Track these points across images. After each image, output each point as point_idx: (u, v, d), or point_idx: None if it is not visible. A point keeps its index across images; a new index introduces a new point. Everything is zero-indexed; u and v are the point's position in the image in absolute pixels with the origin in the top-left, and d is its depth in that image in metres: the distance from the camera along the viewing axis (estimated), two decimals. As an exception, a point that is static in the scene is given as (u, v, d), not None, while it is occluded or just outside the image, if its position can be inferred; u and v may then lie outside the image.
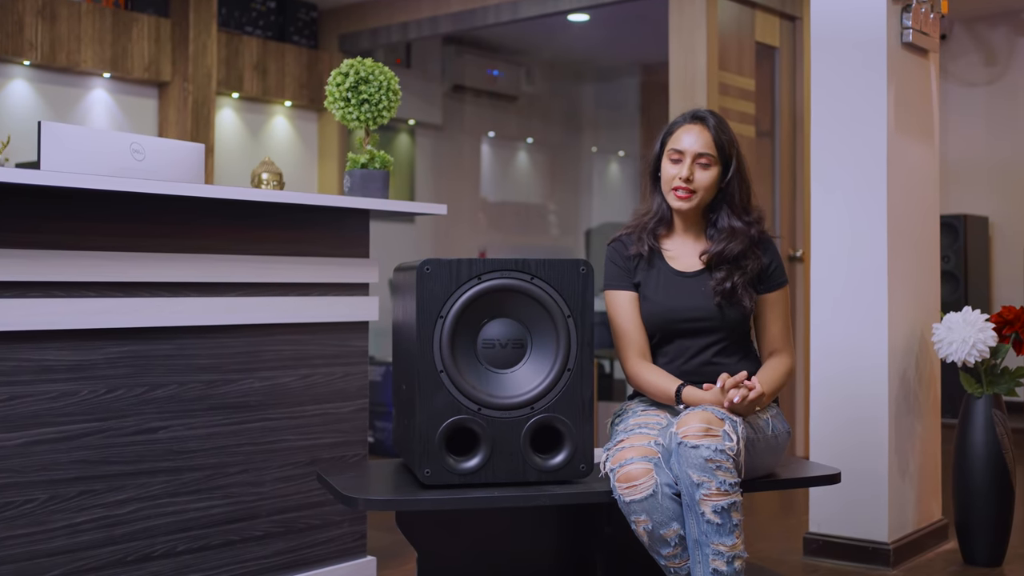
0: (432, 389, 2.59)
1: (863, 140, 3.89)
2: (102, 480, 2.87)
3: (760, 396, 2.69)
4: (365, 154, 3.46)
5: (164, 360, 3.01)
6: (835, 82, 3.96)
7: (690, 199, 2.92)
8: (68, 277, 2.77)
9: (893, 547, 3.80)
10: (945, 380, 4.30)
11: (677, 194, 2.93)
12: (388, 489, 2.73)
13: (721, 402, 2.67)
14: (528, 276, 2.64)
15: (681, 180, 2.91)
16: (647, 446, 2.63)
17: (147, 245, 2.97)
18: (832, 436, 3.91)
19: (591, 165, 10.55)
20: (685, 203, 2.93)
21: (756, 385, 2.69)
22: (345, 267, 3.45)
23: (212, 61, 6.79)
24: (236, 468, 3.18)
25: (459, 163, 9.22)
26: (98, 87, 6.58)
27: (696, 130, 2.94)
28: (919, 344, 4.00)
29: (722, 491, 2.50)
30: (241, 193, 3.03)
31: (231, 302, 3.14)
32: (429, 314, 2.59)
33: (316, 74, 7.60)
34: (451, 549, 2.94)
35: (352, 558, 3.49)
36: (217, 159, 7.00)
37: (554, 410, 2.64)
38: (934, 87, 4.20)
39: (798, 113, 6.29)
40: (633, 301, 2.96)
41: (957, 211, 7.82)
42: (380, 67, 3.44)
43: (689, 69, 5.69)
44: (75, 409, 2.81)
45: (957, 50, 7.99)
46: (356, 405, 3.50)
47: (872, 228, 3.85)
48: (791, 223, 6.22)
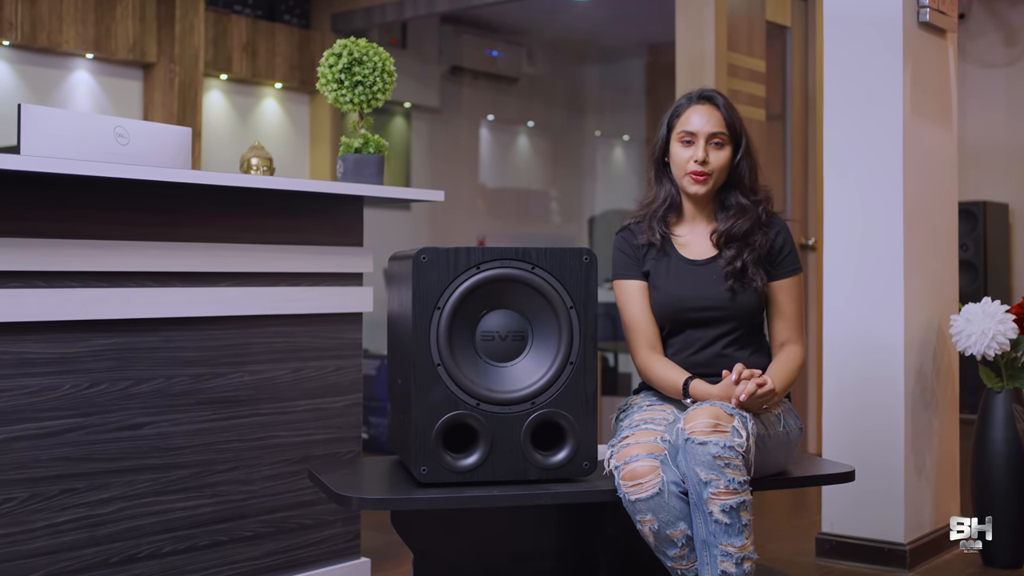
0: (429, 383, 2.58)
1: (878, 123, 3.88)
2: (85, 478, 2.87)
3: (771, 392, 2.69)
4: (359, 138, 3.45)
5: (149, 353, 3.00)
6: (849, 63, 3.95)
7: (706, 182, 2.92)
8: (49, 267, 2.77)
9: (909, 548, 3.80)
10: (963, 374, 4.30)
11: (694, 178, 2.91)
12: (383, 488, 2.73)
13: (730, 396, 2.67)
14: (529, 265, 2.63)
15: (697, 163, 2.90)
16: (653, 442, 2.63)
17: (132, 233, 2.96)
18: (846, 432, 3.91)
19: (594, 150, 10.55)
20: (702, 187, 2.92)
21: (768, 381, 2.69)
22: (338, 256, 3.44)
23: (199, 41, 6.78)
24: (224, 466, 3.18)
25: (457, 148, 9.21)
26: (81, 68, 6.57)
27: (706, 110, 2.94)
28: (936, 336, 4.00)
29: (731, 489, 2.49)
30: (230, 179, 3.03)
31: (219, 292, 3.14)
32: (426, 305, 2.59)
33: (308, 55, 7.59)
34: (448, 550, 2.94)
35: (345, 559, 3.49)
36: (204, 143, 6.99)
37: (556, 405, 2.64)
38: (952, 68, 4.19)
39: (810, 95, 6.28)
40: (643, 291, 2.96)
41: (976, 197, 7.80)
42: (375, 47, 3.43)
43: (697, 49, 5.68)
44: (57, 404, 2.81)
45: (976, 30, 7.97)
46: (349, 400, 3.50)
47: (887, 215, 3.85)
48: (803, 210, 6.22)
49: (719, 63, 5.66)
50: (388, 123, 8.50)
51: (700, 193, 2.93)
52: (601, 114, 10.48)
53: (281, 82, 7.49)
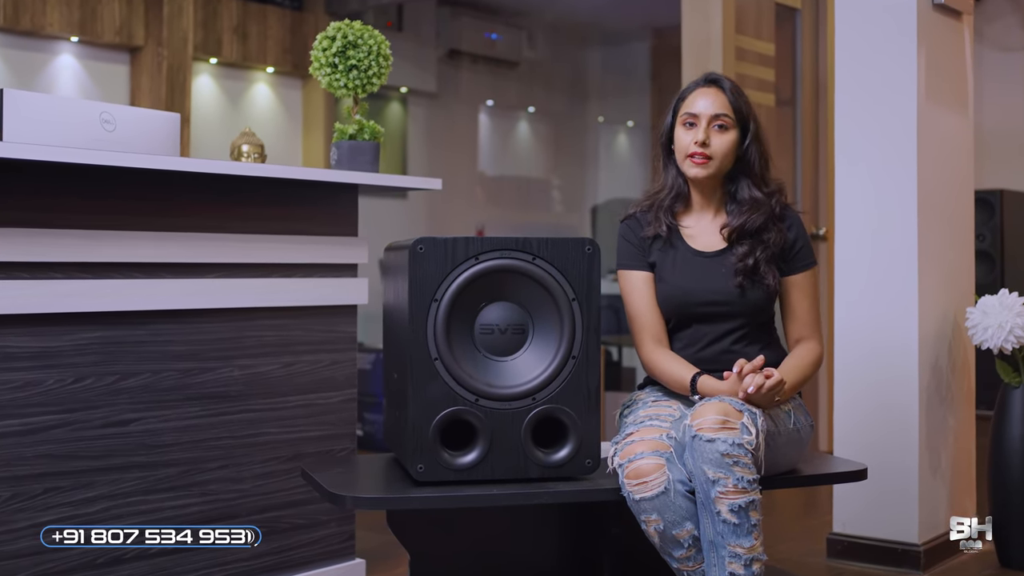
0: (426, 378, 2.58)
1: (891, 109, 3.87)
2: (69, 476, 2.87)
3: (779, 384, 2.68)
4: (353, 124, 3.45)
5: (137, 347, 3.00)
6: (861, 46, 3.95)
7: (707, 165, 2.91)
8: (33, 257, 2.76)
9: (924, 549, 3.80)
10: (980, 368, 4.30)
11: (693, 160, 2.91)
12: (378, 486, 2.73)
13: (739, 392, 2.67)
14: (530, 256, 2.63)
15: (697, 144, 2.89)
16: (658, 440, 2.63)
17: (118, 223, 2.95)
18: (858, 429, 3.90)
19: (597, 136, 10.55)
20: (702, 169, 2.91)
21: (775, 373, 2.68)
22: (332, 246, 3.44)
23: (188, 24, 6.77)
24: (214, 463, 3.17)
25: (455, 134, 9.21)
26: (65, 52, 6.56)
27: (711, 93, 2.94)
28: (952, 329, 4.00)
29: (739, 488, 2.49)
30: (219, 167, 3.02)
31: (209, 284, 3.13)
32: (423, 297, 2.59)
33: (300, 38, 7.58)
34: (446, 551, 2.94)
35: (340, 560, 3.50)
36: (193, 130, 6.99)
37: (557, 401, 2.63)
38: (968, 52, 4.18)
39: (821, 80, 6.27)
40: (648, 282, 2.95)
41: (993, 186, 7.80)
42: (370, 30, 3.43)
43: (703, 32, 5.67)
44: (40, 400, 2.81)
45: (993, 12, 7.96)
46: (344, 395, 3.50)
47: (901, 204, 3.84)
48: (814, 199, 6.21)
49: (726, 46, 5.65)
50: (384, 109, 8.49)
51: (700, 176, 2.92)
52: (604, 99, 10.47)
53: (273, 66, 7.48)
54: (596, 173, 10.42)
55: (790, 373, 2.81)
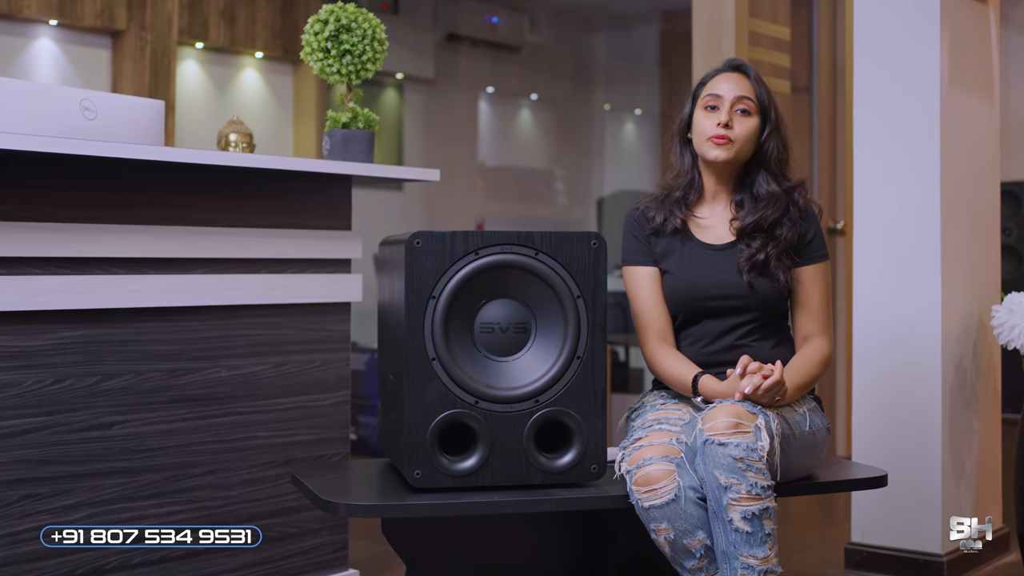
0: (423, 379, 2.58)
1: (913, 97, 3.87)
2: (48, 482, 2.87)
3: (777, 384, 2.67)
4: (347, 112, 3.45)
5: (119, 346, 3.00)
6: (881, 31, 3.95)
7: (728, 147, 2.91)
8: (9, 252, 2.76)
9: (947, 559, 3.80)
10: (1006, 369, 4.31)
11: (715, 140, 2.91)
12: (373, 493, 2.73)
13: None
14: (532, 251, 2.63)
15: (720, 126, 2.90)
16: (668, 444, 2.63)
17: (99, 216, 2.96)
18: (877, 433, 3.91)
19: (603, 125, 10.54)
20: (722, 151, 2.91)
21: (774, 371, 2.67)
22: (324, 241, 3.44)
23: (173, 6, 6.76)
24: (200, 469, 3.18)
25: (454, 123, 9.21)
26: (44, 36, 6.56)
27: (736, 77, 2.97)
28: (976, 328, 4.00)
29: (753, 495, 2.49)
30: (206, 157, 3.02)
31: (195, 280, 3.13)
32: (420, 294, 2.59)
33: (291, 21, 7.57)
34: (444, 561, 2.94)
35: (332, 571, 3.50)
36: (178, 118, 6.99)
37: (561, 403, 2.63)
38: (994, 37, 4.18)
39: (839, 66, 6.27)
40: (654, 278, 2.96)
41: (1020, 177, 7.80)
42: (364, 13, 3.43)
43: (715, 15, 5.66)
44: (17, 402, 2.81)
45: (1020, -6, 7.96)
46: (336, 397, 3.50)
47: (923, 197, 3.84)
48: (831, 191, 6.21)
49: (740, 30, 5.65)
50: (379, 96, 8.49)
51: (720, 159, 2.92)
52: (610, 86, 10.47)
53: (262, 51, 7.47)
54: (602, 164, 10.42)
55: (794, 373, 2.81)
